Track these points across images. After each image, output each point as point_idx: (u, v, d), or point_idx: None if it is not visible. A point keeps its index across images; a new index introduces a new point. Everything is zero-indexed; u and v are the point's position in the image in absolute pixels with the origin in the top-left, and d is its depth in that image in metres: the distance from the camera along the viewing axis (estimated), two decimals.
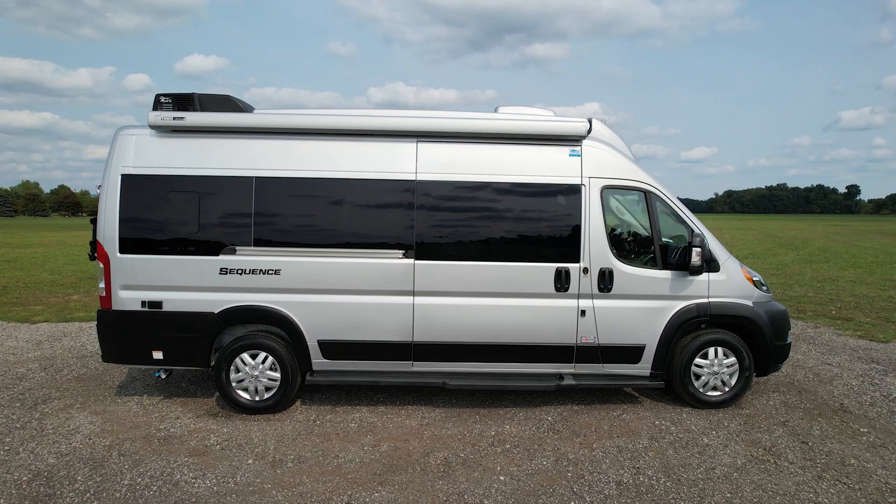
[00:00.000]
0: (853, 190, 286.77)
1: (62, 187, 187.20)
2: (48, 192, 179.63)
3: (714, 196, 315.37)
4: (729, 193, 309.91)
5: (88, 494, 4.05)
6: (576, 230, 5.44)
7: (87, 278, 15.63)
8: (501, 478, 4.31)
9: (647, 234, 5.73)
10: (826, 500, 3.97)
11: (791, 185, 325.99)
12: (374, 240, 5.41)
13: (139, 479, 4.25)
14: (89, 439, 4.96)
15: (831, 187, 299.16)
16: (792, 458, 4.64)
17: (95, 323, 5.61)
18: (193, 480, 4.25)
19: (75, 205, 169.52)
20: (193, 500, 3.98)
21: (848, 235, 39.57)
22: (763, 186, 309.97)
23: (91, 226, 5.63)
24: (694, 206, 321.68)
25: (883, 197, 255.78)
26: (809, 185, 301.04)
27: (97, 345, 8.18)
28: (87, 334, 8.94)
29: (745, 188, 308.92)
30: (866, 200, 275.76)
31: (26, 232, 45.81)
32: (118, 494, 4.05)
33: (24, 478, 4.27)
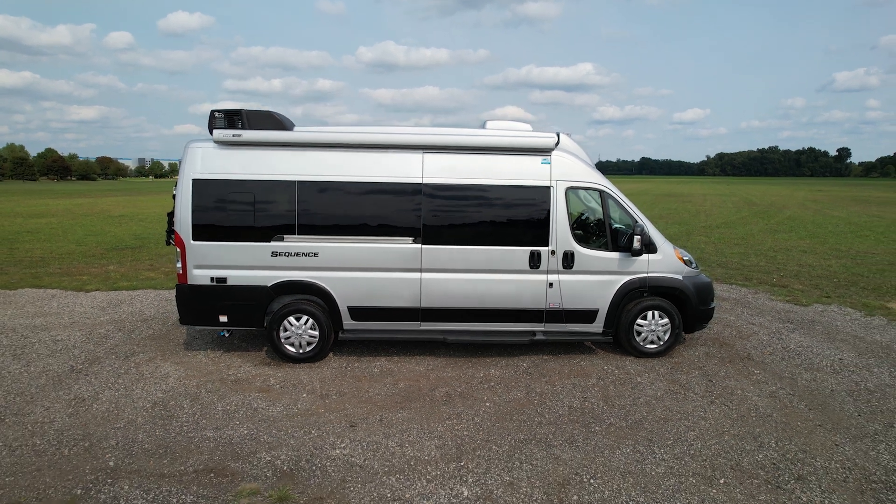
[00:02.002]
0: (844, 153, 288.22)
1: (49, 150, 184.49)
2: (34, 155, 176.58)
3: (706, 159, 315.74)
4: (720, 156, 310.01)
5: (196, 416, 5.74)
6: (546, 221, 7.05)
7: (112, 249, 17.13)
8: (487, 404, 6.05)
9: (600, 224, 7.35)
10: (710, 416, 5.74)
11: (783, 147, 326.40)
12: (391, 229, 7.00)
13: (228, 407, 5.95)
14: (180, 381, 6.64)
15: (822, 150, 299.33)
16: (697, 390, 6.41)
17: (140, 291, 7.21)
18: (267, 407, 5.95)
19: (64, 168, 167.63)
20: (271, 419, 5.69)
21: (824, 203, 41.39)
22: (755, 149, 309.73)
23: (167, 218, 7.21)
24: (685, 168, 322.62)
25: (873, 160, 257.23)
26: (801, 148, 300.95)
27: (153, 310, 9.85)
28: (139, 301, 10.53)
29: (737, 150, 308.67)
30: (857, 163, 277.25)
31: (24, 199, 46.64)
32: (217, 416, 5.75)
33: (147, 405, 5.96)
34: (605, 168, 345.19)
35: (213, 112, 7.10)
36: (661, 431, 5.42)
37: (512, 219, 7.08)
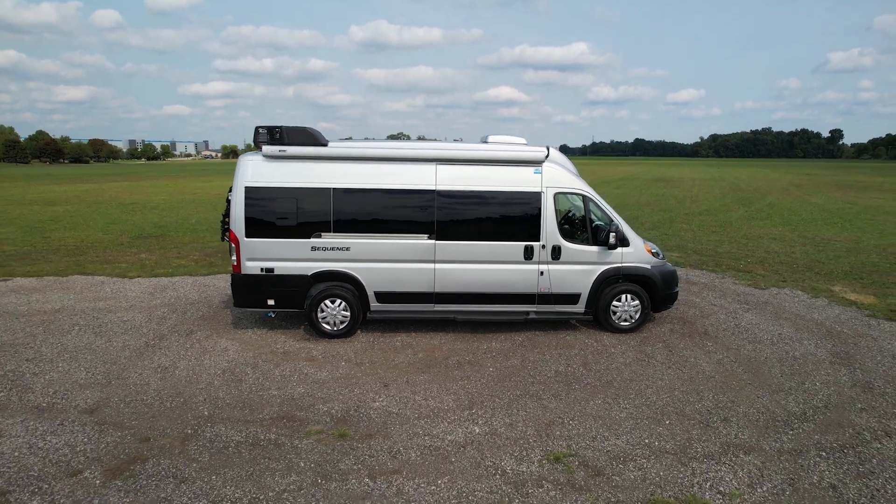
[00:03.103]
0: (836, 134, 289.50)
1: (40, 133, 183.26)
2: (25, 137, 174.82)
3: (699, 140, 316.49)
4: (714, 137, 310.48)
5: (260, 380, 7.25)
6: (537, 221, 8.53)
7: (137, 238, 18.50)
8: (490, 369, 7.59)
9: (583, 222, 8.85)
10: (666, 377, 7.30)
11: (776, 128, 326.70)
12: (410, 227, 8.46)
13: (283, 372, 7.46)
14: (239, 353, 8.14)
15: (815, 132, 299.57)
16: (659, 358, 7.97)
17: (177, 277, 8.65)
18: (315, 372, 7.47)
19: (56, 151, 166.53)
20: (320, 381, 7.21)
21: (806, 188, 43.02)
22: (748, 130, 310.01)
23: (222, 219, 8.65)
24: (679, 150, 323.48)
25: (865, 141, 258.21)
26: (794, 130, 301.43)
27: (196, 295, 11.30)
28: (181, 287, 11.97)
29: (731, 132, 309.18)
30: (849, 145, 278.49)
31: (28, 185, 47.60)
32: (276, 379, 7.26)
33: (218, 372, 7.47)
34: (599, 149, 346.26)
35: (257, 128, 8.49)
36: (626, 388, 6.98)
37: (509, 219, 8.55)
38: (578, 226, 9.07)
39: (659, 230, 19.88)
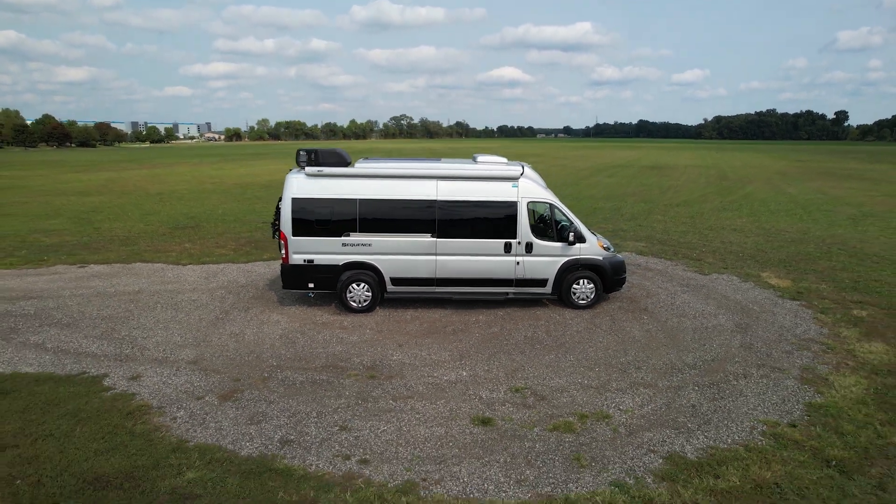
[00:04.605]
0: (841, 116, 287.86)
1: (47, 117, 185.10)
2: (32, 121, 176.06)
3: (703, 122, 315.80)
4: (718, 119, 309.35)
5: (308, 342, 9.95)
6: (514, 223, 11.12)
7: (175, 228, 21.16)
8: (476, 335, 10.29)
9: (549, 224, 11.45)
10: (605, 341, 9.97)
11: (782, 109, 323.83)
12: (417, 228, 11.08)
13: (325, 337, 10.16)
14: (289, 323, 10.84)
15: (820, 113, 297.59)
16: (604, 328, 10.64)
17: (223, 265, 11.33)
18: (348, 337, 10.17)
19: (64, 135, 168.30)
20: (353, 342, 9.90)
21: (791, 176, 45.25)
22: (753, 112, 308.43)
23: (273, 220, 11.29)
24: (683, 131, 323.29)
25: (871, 123, 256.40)
26: (799, 111, 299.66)
27: (244, 279, 13.98)
28: (229, 273, 14.64)
29: (736, 113, 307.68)
30: (854, 126, 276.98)
31: (52, 173, 50.19)
32: (320, 341, 9.96)
33: (276, 337, 10.17)
34: (602, 131, 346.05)
35: (298, 151, 11.11)
36: (574, 348, 9.67)
37: (493, 221, 11.16)
38: (546, 227, 11.67)
39: (635, 221, 22.45)
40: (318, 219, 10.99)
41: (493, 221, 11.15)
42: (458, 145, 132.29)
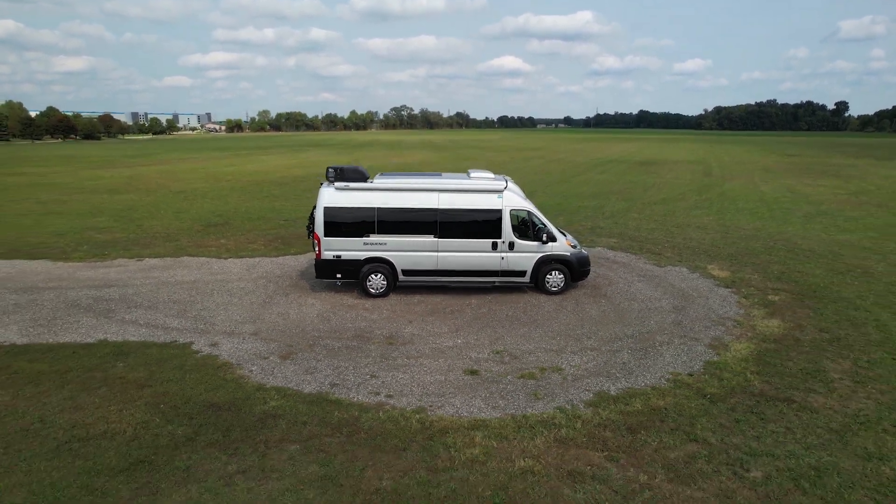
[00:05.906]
0: (841, 107, 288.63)
1: (51, 109, 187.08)
2: (36, 113, 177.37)
3: (703, 112, 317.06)
4: (718, 110, 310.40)
5: (340, 319, 12.92)
6: (499, 227, 14.05)
7: (208, 226, 24.07)
8: (469, 314, 13.26)
9: (528, 227, 14.39)
10: (567, 318, 12.93)
11: (783, 100, 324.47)
12: (422, 230, 14.01)
13: (352, 316, 13.13)
14: (323, 306, 13.81)
15: (820, 104, 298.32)
16: (569, 308, 13.60)
17: (258, 258, 14.32)
18: (370, 315, 13.14)
19: (69, 128, 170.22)
20: (373, 320, 12.87)
21: (775, 172, 47.92)
22: (753, 102, 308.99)
23: (308, 225, 14.24)
24: (683, 122, 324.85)
25: (872, 113, 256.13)
26: (799, 102, 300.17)
27: (279, 271, 16.93)
28: (266, 265, 17.58)
29: (736, 103, 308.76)
30: (855, 116, 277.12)
31: (64, 168, 52.95)
32: (349, 319, 12.93)
33: (314, 316, 13.15)
34: (602, 121, 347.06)
35: (328, 168, 14.04)
36: (543, 324, 12.63)
37: (482, 225, 14.08)
38: (525, 229, 14.60)
39: (613, 219, 25.34)
40: (344, 223, 13.91)
41: (482, 225, 14.07)
42: (457, 137, 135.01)
